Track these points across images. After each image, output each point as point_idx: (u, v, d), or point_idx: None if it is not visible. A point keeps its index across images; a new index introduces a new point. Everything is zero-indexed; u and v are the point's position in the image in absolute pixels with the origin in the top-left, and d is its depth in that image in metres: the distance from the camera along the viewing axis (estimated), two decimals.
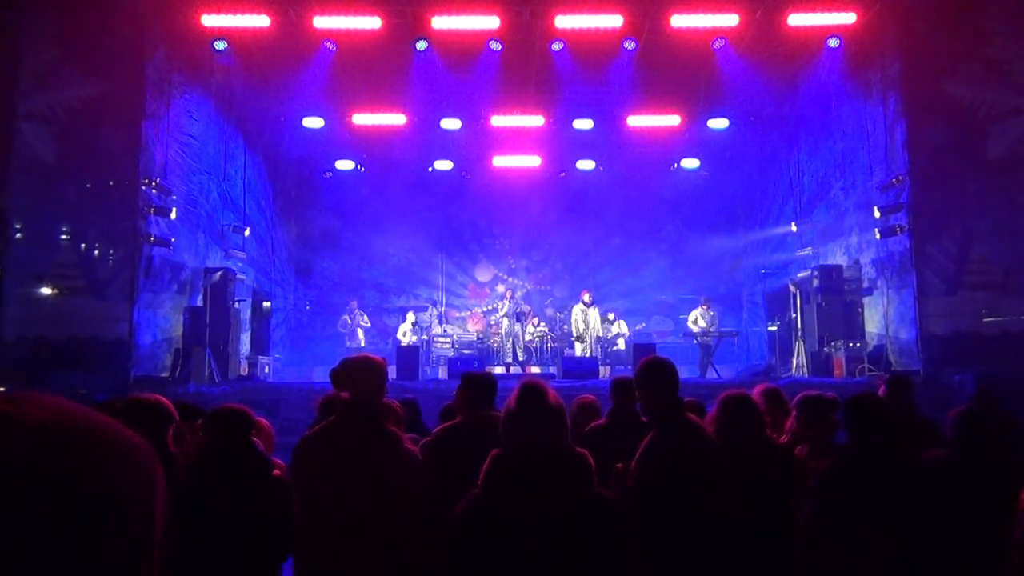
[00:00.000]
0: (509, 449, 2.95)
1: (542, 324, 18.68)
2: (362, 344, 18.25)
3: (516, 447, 2.94)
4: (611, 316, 18.01)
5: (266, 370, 16.27)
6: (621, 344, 17.68)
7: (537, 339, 17.96)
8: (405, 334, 17.85)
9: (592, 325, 16.96)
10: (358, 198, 20.19)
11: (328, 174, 19.88)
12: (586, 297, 17.40)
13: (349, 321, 18.55)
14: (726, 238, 21.01)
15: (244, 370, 15.54)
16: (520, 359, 17.32)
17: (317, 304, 21.05)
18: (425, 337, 18.41)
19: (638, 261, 21.13)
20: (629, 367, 15.88)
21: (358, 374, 3.84)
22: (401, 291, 21.33)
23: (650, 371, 3.82)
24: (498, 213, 20.83)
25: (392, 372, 13.20)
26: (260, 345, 17.39)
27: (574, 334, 17.11)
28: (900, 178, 14.11)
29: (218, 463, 3.91)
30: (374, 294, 21.16)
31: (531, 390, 3.06)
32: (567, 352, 17.34)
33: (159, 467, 0.92)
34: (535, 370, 16.91)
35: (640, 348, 14.76)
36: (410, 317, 18.33)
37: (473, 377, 4.74)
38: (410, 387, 12.42)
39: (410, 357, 14.63)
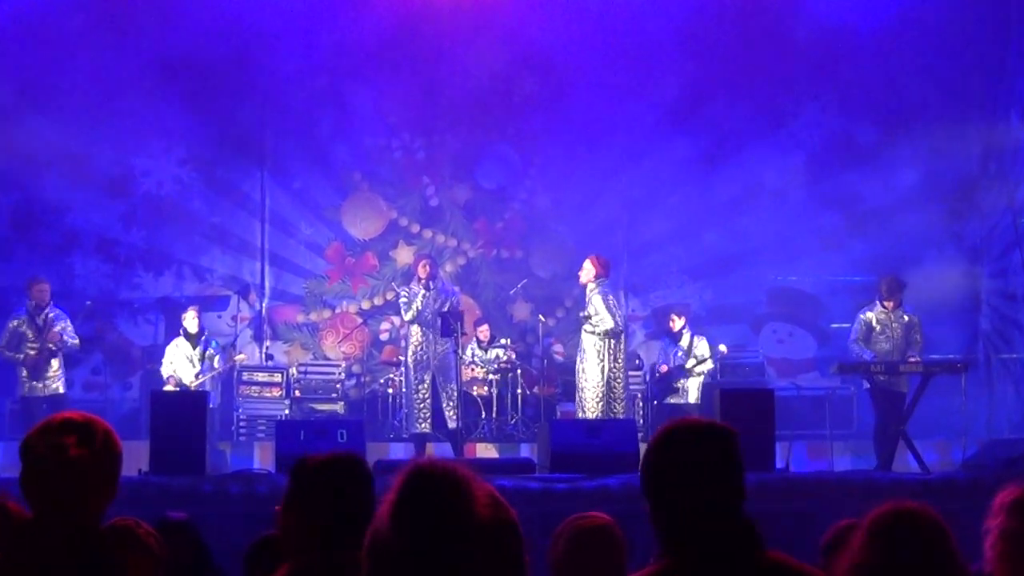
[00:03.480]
0: None
1: (503, 342, 14.14)
2: (57, 388, 12.19)
3: None
4: (677, 322, 12.88)
5: None
6: (693, 391, 12.78)
7: (491, 375, 13.48)
8: (172, 364, 12.08)
9: (603, 321, 11.78)
10: (54, 38, 13.60)
11: None
12: (587, 271, 11.52)
13: (61, 339, 12.16)
14: (942, 140, 14.24)
15: None
16: (451, 424, 11.99)
17: None
18: (218, 369, 12.68)
19: (730, 193, 14.76)
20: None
21: (53, 464, 2.59)
22: (164, 261, 14.72)
23: (673, 451, 2.63)
24: (400, 67, 14.53)
25: (139, 455, 9.38)
26: None
27: (579, 364, 11.72)
28: None
29: None
30: (99, 268, 14.30)
31: (427, 488, 1.87)
32: (561, 409, 13.07)
33: None
34: (485, 451, 12.60)
35: (731, 399, 10.01)
36: (190, 320, 12.28)
37: (320, 468, 2.98)
38: (182, 491, 9.27)
39: (186, 419, 10.05)
